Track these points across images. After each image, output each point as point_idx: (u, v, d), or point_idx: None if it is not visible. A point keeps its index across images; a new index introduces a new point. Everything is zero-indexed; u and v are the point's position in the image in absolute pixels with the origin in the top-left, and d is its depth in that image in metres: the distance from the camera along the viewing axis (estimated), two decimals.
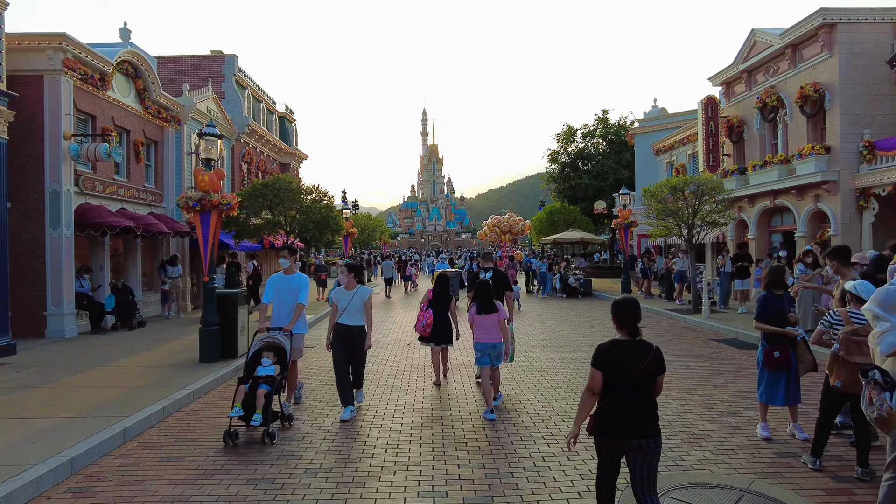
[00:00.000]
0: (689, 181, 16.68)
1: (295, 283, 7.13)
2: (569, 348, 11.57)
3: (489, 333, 7.09)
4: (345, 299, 6.98)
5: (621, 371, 3.47)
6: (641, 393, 3.48)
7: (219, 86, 23.70)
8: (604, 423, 3.52)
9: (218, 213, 10.09)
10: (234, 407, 6.05)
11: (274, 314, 7.15)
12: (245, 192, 15.86)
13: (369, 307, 7.05)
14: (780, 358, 5.79)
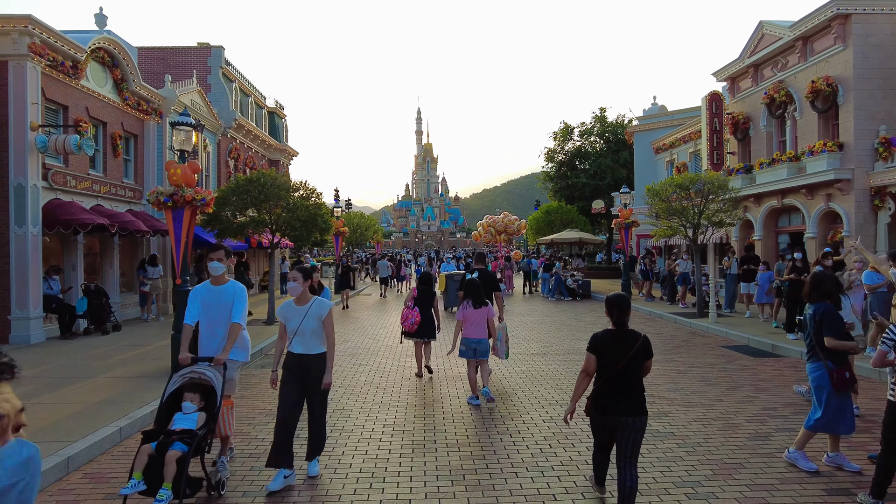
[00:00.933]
0: (695, 179, 15.95)
1: (228, 296, 5.27)
2: (572, 356, 10.79)
3: (478, 329, 7.54)
4: (295, 318, 5.04)
5: (612, 356, 4.14)
6: (631, 376, 4.12)
7: (204, 79, 22.78)
8: (598, 402, 4.20)
9: (192, 209, 9.25)
10: (130, 478, 4.12)
11: (202, 339, 5.34)
12: (228, 188, 14.99)
13: (329, 327, 5.07)
14: (850, 378, 5.03)
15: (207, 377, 4.84)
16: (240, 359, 5.49)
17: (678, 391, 8.20)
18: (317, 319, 5.02)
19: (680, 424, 6.62)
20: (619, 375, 4.13)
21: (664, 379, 8.97)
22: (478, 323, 7.53)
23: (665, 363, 10.21)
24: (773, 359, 10.66)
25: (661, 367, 9.81)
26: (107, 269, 15.73)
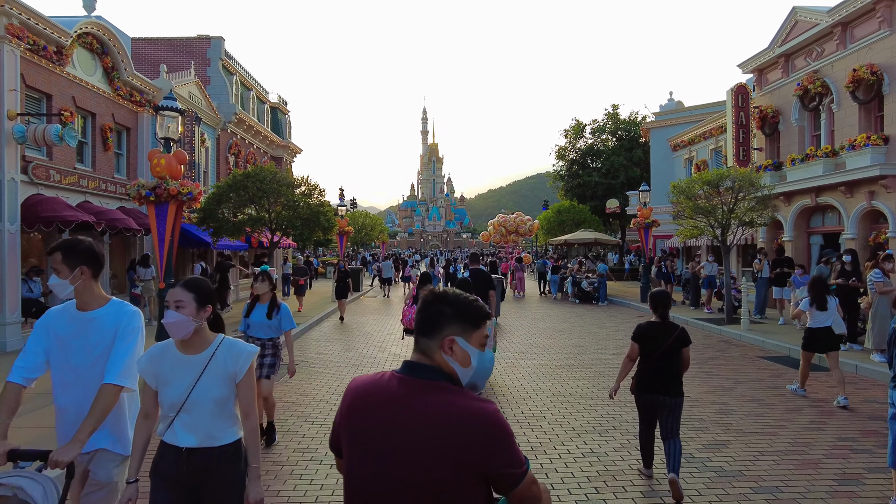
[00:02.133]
0: (725, 175, 14.85)
1: (102, 332, 2.91)
2: (600, 370, 9.72)
3: None
4: (179, 377, 2.69)
5: (653, 344, 4.83)
6: (669, 362, 4.79)
7: (203, 71, 21.83)
8: (641, 382, 4.94)
9: (177, 204, 8.25)
10: None
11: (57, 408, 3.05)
12: (224, 183, 14.04)
13: (248, 394, 2.75)
14: None
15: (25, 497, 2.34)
16: (120, 451, 3.00)
17: (730, 414, 7.13)
18: (223, 382, 2.64)
19: (746, 460, 5.55)
20: (659, 361, 4.84)
21: (710, 398, 7.90)
22: None
23: (706, 378, 9.13)
24: (823, 373, 9.55)
25: (704, 383, 8.74)
26: None
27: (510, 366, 10.11)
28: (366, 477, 1.66)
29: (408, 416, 1.63)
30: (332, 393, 8.34)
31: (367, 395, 1.73)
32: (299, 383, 8.97)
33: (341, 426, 1.78)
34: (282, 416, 7.20)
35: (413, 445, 1.60)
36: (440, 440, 1.58)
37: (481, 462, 1.59)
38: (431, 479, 1.58)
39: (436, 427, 1.59)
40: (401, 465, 1.61)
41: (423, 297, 1.81)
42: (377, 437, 1.65)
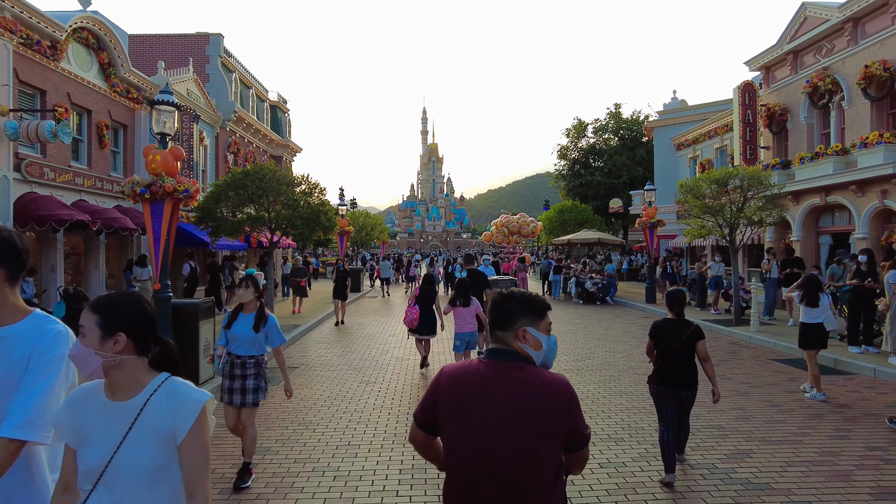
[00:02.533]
0: (734, 173, 14.56)
1: (11, 361, 1.99)
2: (610, 374, 9.43)
3: (468, 324, 8.27)
4: (104, 434, 1.82)
5: (669, 341, 5.11)
6: (684, 357, 5.08)
7: (202, 68, 21.52)
8: (658, 377, 5.15)
9: (173, 202, 7.95)
10: None
11: None
12: (223, 181, 13.74)
13: (194, 460, 1.83)
14: None
15: None
16: None
17: (749, 420, 6.84)
18: (157, 443, 1.81)
19: (773, 471, 5.25)
20: (675, 356, 5.04)
21: (726, 403, 7.60)
22: (468, 318, 8.30)
23: (720, 382, 8.82)
24: (841, 377, 9.28)
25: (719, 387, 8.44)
26: (92, 270, 14.46)
27: None
28: (473, 442, 1.95)
29: (501, 390, 1.95)
30: (333, 397, 8.03)
31: (463, 379, 2.03)
32: (299, 388, 8.67)
33: (439, 406, 2.04)
34: (281, 423, 6.91)
35: (509, 414, 1.91)
36: (530, 407, 1.91)
37: (563, 422, 1.93)
38: (525, 442, 1.89)
39: (526, 397, 1.92)
40: (500, 431, 1.91)
41: (493, 299, 2.19)
42: (477, 410, 1.95)
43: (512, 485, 1.91)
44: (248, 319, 5.03)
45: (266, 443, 6.16)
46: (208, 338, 8.73)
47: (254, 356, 5.08)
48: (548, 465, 1.94)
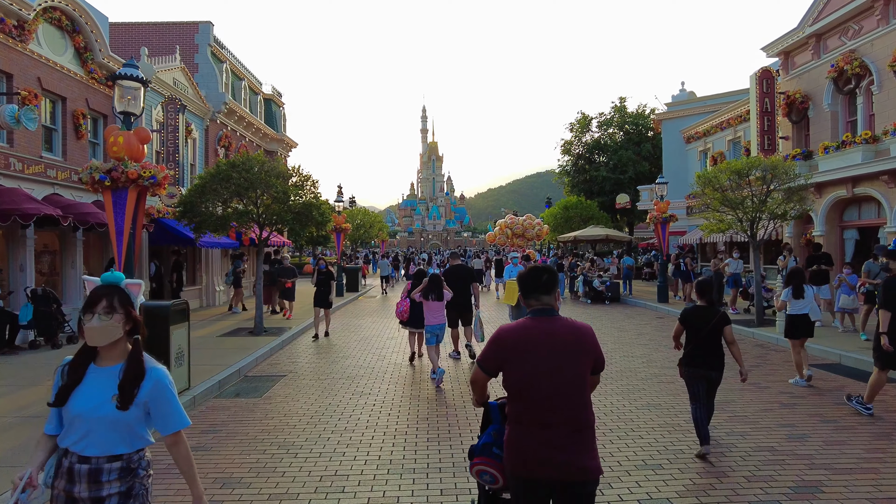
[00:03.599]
0: (755, 163, 13.58)
1: None
2: (632, 382, 8.44)
3: (438, 317, 8.74)
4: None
5: (697, 325, 5.52)
6: (712, 341, 5.49)
7: (191, 58, 20.53)
8: (689, 360, 5.55)
9: (138, 190, 6.97)
10: None
11: None
12: (207, 173, 12.76)
13: None
14: None
15: None
16: None
17: (805, 441, 5.85)
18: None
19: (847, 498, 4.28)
20: (705, 340, 5.45)
21: (772, 419, 6.62)
22: (438, 312, 8.85)
23: (757, 391, 7.86)
24: (889, 384, 8.29)
25: (757, 398, 7.47)
26: (68, 269, 13.48)
27: None
28: (535, 377, 2.73)
29: (558, 336, 2.79)
30: (321, 413, 7.05)
31: (525, 333, 2.83)
32: (284, 400, 7.69)
33: (509, 353, 2.80)
34: (255, 446, 5.92)
35: (566, 350, 2.75)
36: (577, 345, 2.78)
37: (594, 351, 2.83)
38: (578, 368, 2.75)
39: (573, 339, 2.79)
40: (564, 362, 2.73)
41: (528, 273, 3.01)
42: (540, 353, 2.74)
43: (573, 398, 2.71)
44: (107, 380, 2.43)
45: (236, 471, 5.18)
46: (182, 344, 7.75)
47: (120, 457, 2.42)
48: (587, 384, 2.78)
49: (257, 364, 10.25)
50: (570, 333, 2.79)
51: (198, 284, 19.51)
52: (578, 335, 2.80)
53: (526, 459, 2.69)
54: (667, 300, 18.76)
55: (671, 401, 7.41)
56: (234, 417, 7.00)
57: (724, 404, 7.22)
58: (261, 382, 8.95)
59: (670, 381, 8.43)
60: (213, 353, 10.59)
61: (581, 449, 2.67)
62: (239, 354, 10.46)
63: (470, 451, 3.16)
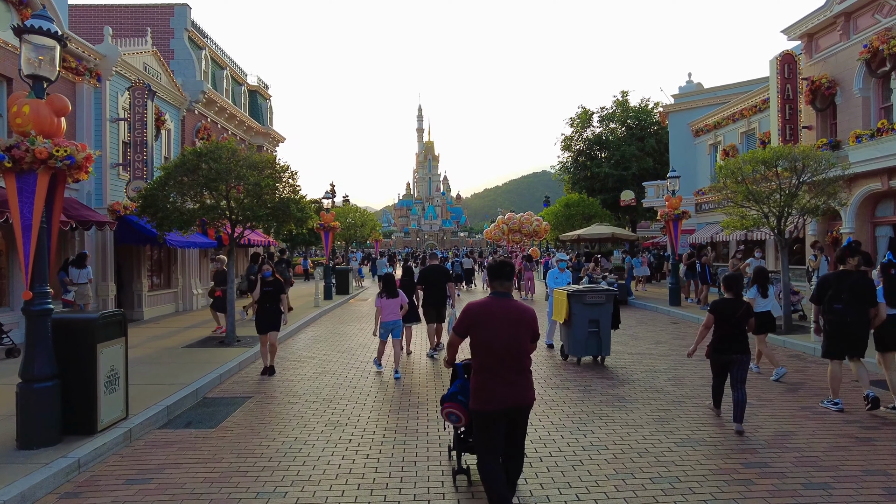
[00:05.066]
0: (784, 153, 12.22)
1: None
2: (663, 406, 7.04)
3: (393, 314, 9.02)
4: None
5: (727, 314, 6.17)
6: (739, 328, 6.15)
7: (166, 43, 19.07)
8: (717, 346, 6.25)
9: (50, 173, 5.52)
10: None
11: None
12: (172, 163, 11.34)
13: None
14: None
15: None
16: None
17: (889, 478, 4.47)
18: None
19: None
20: (733, 328, 6.16)
21: (852, 460, 5.23)
22: (392, 309, 8.96)
23: (817, 419, 6.47)
24: None
25: (818, 427, 6.07)
26: (15, 271, 12.01)
27: None
28: (493, 338, 3.95)
29: (508, 312, 4.00)
30: (285, 451, 5.64)
31: (487, 308, 4.04)
32: (242, 433, 6.26)
33: (473, 322, 4.03)
34: (201, 496, 4.49)
35: (510, 321, 3.96)
36: (518, 319, 4.01)
37: (532, 327, 4.05)
38: (522, 336, 4.00)
39: (519, 315, 4.02)
40: (513, 332, 3.96)
41: (494, 264, 4.24)
42: (496, 322, 3.95)
43: (518, 357, 3.99)
44: None
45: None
46: (116, 365, 6.31)
47: None
48: (528, 346, 4.07)
49: (221, 382, 8.82)
50: (517, 311, 4.05)
51: (173, 287, 18.05)
52: (522, 313, 4.07)
53: (490, 395, 3.93)
54: (679, 303, 17.40)
55: (716, 434, 6.01)
56: (174, 459, 5.57)
57: (784, 438, 5.84)
58: (220, 407, 7.53)
59: (706, 399, 7.06)
60: (170, 369, 9.16)
61: (525, 385, 4.00)
62: (201, 370, 9.03)
63: (441, 399, 4.63)
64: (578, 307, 9.29)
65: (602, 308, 9.33)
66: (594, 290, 9.59)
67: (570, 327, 9.38)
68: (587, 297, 9.31)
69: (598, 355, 9.48)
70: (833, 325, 6.79)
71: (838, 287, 6.77)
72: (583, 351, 9.34)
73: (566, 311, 9.37)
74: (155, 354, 10.53)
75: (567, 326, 9.56)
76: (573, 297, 9.37)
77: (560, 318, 9.65)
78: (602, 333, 9.26)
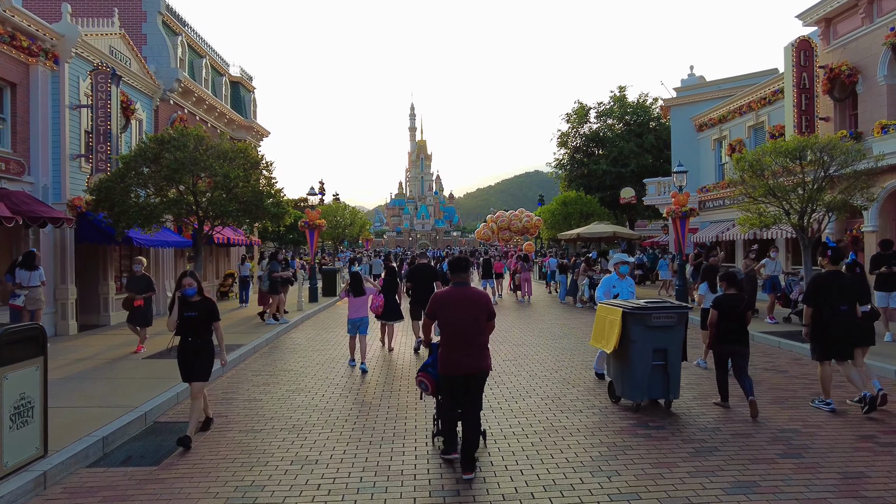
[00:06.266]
0: (810, 143, 11.17)
1: None
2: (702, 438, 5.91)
3: (360, 311, 9.40)
4: None
5: (730, 309, 6.69)
6: (741, 321, 6.74)
7: (138, 27, 17.78)
8: (721, 337, 6.76)
9: None
10: None
11: None
12: (131, 153, 10.12)
13: None
14: None
15: None
16: None
17: None
18: None
19: None
20: (735, 321, 6.70)
21: None
22: (360, 307, 9.45)
23: (888, 455, 5.35)
24: None
25: (893, 465, 4.96)
26: None
27: (540, 438, 6.26)
28: (454, 319, 4.98)
29: (467, 297, 5.08)
30: (238, 502, 4.45)
31: (451, 295, 5.10)
32: (188, 473, 5.07)
33: (441, 306, 5.07)
34: None
35: (468, 304, 5.04)
36: (477, 303, 5.09)
37: (486, 308, 5.11)
38: (479, 316, 5.04)
39: (475, 300, 5.10)
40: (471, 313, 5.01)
41: (455, 259, 5.36)
42: (456, 306, 5.01)
43: (476, 334, 5.01)
44: None
45: None
46: (25, 392, 5.09)
47: None
48: (484, 325, 5.07)
49: (179, 402, 7.62)
50: (475, 296, 5.14)
51: None
52: (479, 298, 5.15)
53: (453, 363, 5.01)
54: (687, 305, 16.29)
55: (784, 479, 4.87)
56: None
57: (858, 482, 4.69)
58: (171, 435, 6.33)
59: (714, 402, 5.94)
60: (121, 387, 7.96)
61: (481, 357, 5.05)
62: (158, 387, 7.83)
63: (418, 369, 5.70)
64: (640, 331, 6.70)
65: (672, 333, 6.77)
66: (662, 307, 6.92)
67: (627, 359, 6.82)
68: (653, 318, 6.70)
69: (665, 398, 6.92)
70: (839, 327, 6.66)
71: (839, 288, 6.72)
72: (644, 392, 6.81)
73: (617, 336, 6.85)
74: (107, 368, 9.30)
75: (619, 358, 7.03)
76: (633, 316, 6.72)
77: (607, 344, 7.12)
78: (670, 368, 6.77)
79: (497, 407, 7.06)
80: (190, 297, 6.09)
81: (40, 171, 12.63)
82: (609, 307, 7.28)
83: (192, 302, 6.09)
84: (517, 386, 8.10)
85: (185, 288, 6.05)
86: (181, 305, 6.08)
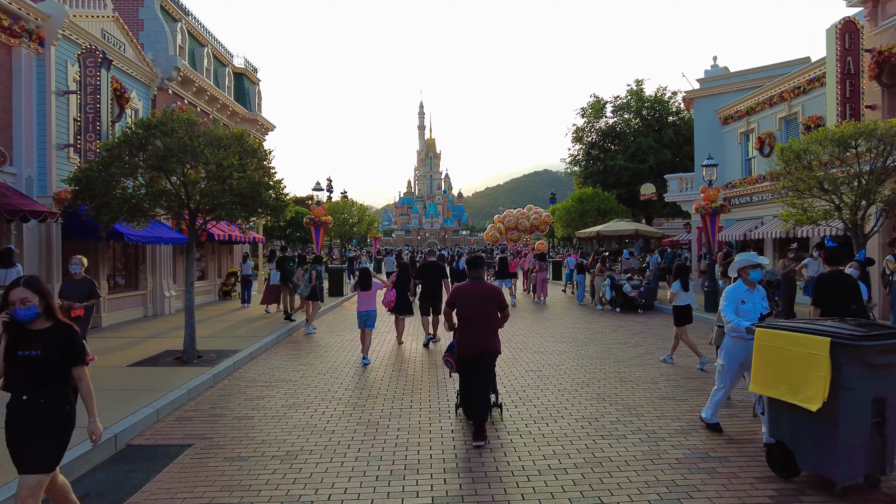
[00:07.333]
0: (867, 129, 10.04)
1: None
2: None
3: (367, 304, 9.56)
4: None
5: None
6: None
7: (134, 12, 16.88)
8: None
9: None
10: None
11: None
12: (114, 140, 9.20)
13: None
14: None
15: None
16: None
17: None
18: None
19: None
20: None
21: None
22: (367, 300, 9.61)
23: None
24: None
25: None
26: None
27: (582, 474, 5.22)
28: (469, 307, 5.94)
29: (481, 290, 6.05)
30: None
31: (468, 287, 6.08)
32: None
33: (459, 297, 6.03)
34: None
35: (482, 296, 5.98)
36: (488, 295, 6.02)
37: (498, 300, 6.04)
38: (491, 308, 5.97)
39: (488, 293, 6.05)
40: (479, 302, 5.95)
41: (473, 257, 6.54)
42: (472, 297, 5.97)
43: (486, 321, 5.91)
44: None
45: None
46: None
47: None
48: (496, 314, 5.97)
49: (159, 419, 6.66)
50: (488, 290, 6.05)
51: (141, 289, 15.88)
52: (492, 292, 6.04)
53: (467, 343, 5.89)
54: (715, 309, 15.17)
55: None
56: None
57: None
58: (142, 463, 5.37)
59: None
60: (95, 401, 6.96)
61: (491, 339, 5.91)
62: (136, 401, 6.87)
63: (445, 350, 6.72)
64: (855, 373, 4.23)
65: (892, 374, 4.36)
66: (886, 333, 4.35)
67: (833, 416, 4.30)
68: (876, 354, 4.21)
69: (880, 472, 4.46)
70: None
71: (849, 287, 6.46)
72: (861, 465, 4.33)
73: (826, 381, 4.22)
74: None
75: (823, 419, 4.35)
76: (847, 349, 4.22)
77: (802, 395, 4.40)
78: (888, 427, 4.35)
79: (525, 431, 6.03)
80: (26, 323, 3.50)
81: (24, 162, 11.75)
82: (788, 334, 4.61)
83: (31, 331, 3.52)
84: (546, 404, 7.05)
85: (16, 307, 3.44)
86: (12, 337, 3.52)
